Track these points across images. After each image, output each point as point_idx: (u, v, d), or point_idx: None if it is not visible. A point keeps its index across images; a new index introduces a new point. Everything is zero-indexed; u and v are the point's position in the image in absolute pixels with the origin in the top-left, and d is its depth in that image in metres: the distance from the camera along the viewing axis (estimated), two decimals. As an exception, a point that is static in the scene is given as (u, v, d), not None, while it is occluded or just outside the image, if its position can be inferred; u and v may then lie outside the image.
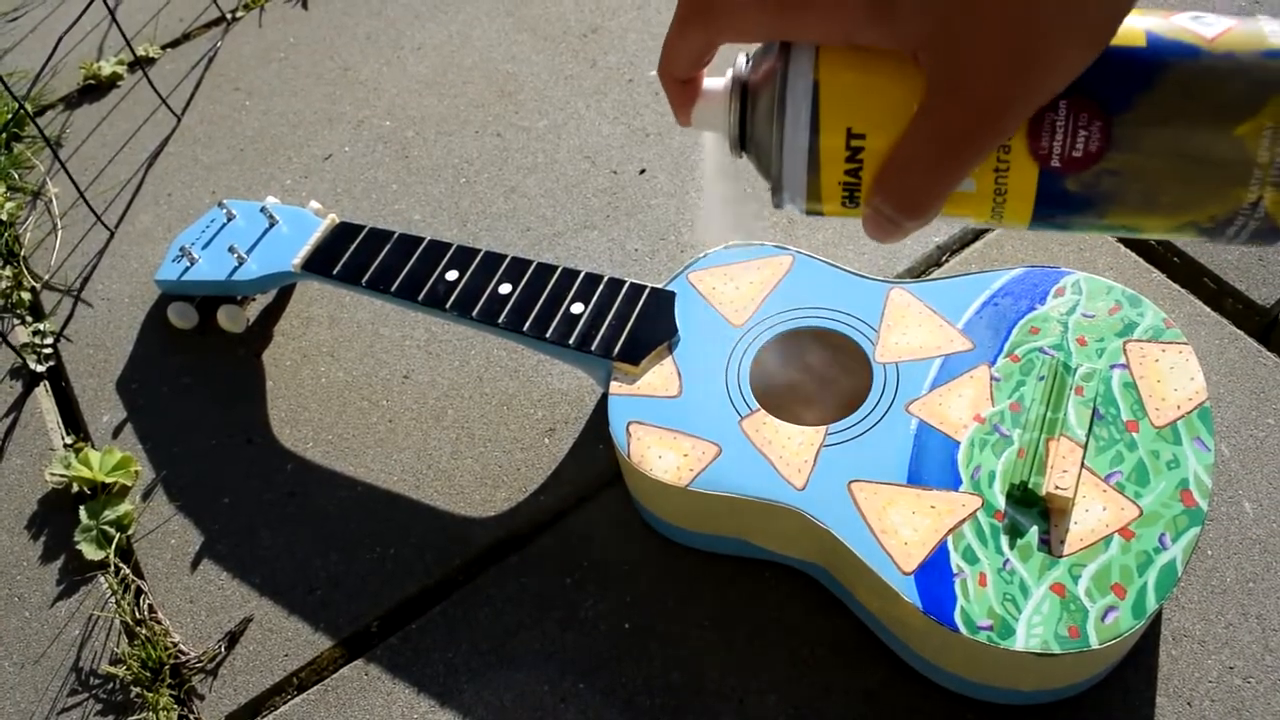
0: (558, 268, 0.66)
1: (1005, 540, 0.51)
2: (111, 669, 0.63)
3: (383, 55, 0.97)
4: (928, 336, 0.59)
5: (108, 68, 1.00)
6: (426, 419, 0.71)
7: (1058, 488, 0.51)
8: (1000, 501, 0.52)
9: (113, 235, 0.87)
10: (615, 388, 0.60)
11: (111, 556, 0.67)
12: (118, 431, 0.74)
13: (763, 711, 0.56)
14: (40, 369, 0.79)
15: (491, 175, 0.85)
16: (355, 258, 0.69)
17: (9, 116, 0.96)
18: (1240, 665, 0.55)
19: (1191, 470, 0.52)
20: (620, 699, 0.57)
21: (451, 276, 0.66)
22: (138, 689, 0.62)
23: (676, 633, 0.59)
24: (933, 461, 0.54)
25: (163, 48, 1.03)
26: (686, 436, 0.57)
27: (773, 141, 0.33)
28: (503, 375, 0.72)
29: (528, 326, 0.63)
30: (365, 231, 0.71)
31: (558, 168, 0.84)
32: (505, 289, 0.65)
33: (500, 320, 0.64)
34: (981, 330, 0.59)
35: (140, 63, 1.00)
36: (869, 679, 0.56)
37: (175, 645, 0.63)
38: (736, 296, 0.63)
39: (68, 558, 0.68)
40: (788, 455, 0.55)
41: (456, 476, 0.68)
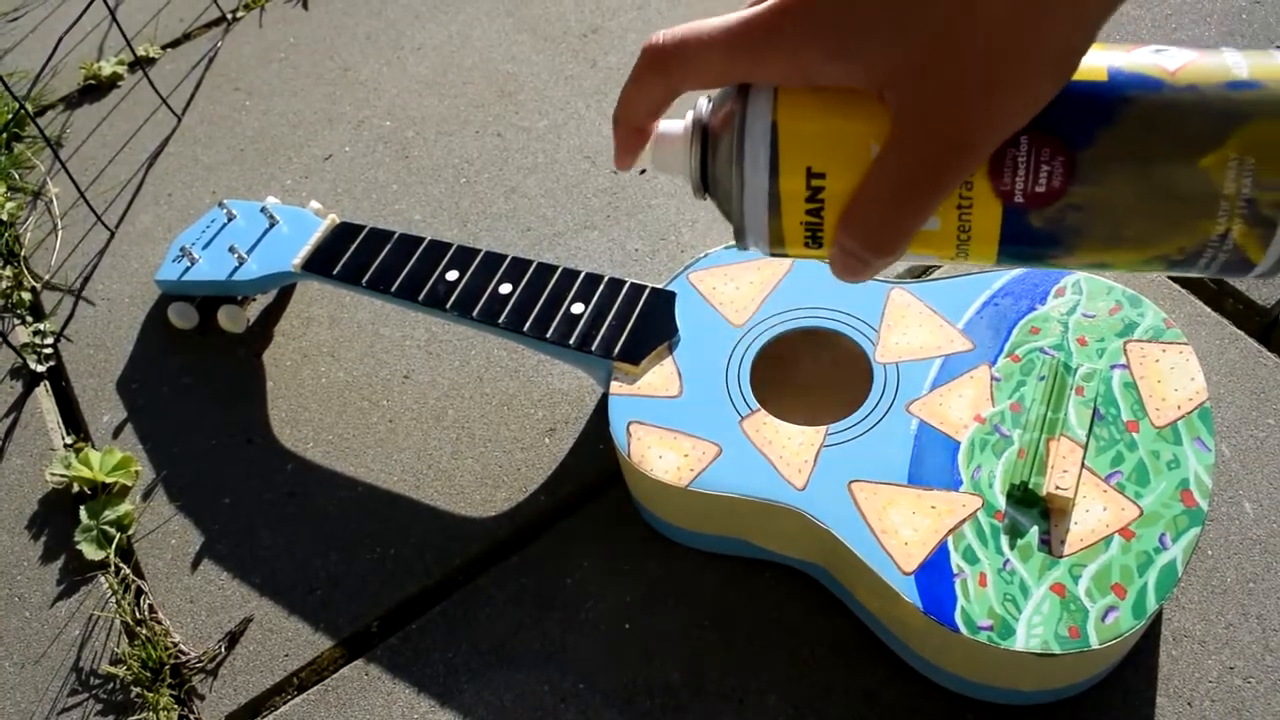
0: (558, 268, 0.66)
1: (1005, 540, 0.51)
2: (112, 669, 0.63)
3: (383, 55, 0.97)
4: (928, 336, 0.59)
5: (108, 68, 1.00)
6: (427, 419, 0.71)
7: (1058, 488, 0.51)
8: (1000, 502, 0.52)
9: (113, 235, 0.87)
10: (615, 388, 0.60)
11: (112, 556, 0.67)
12: (118, 431, 0.74)
13: (763, 711, 0.56)
14: (40, 369, 0.79)
15: (492, 175, 0.85)
16: (355, 258, 0.69)
17: (9, 116, 0.96)
18: (1240, 665, 0.55)
19: (1192, 470, 0.52)
20: (620, 699, 0.57)
21: (452, 277, 0.66)
22: (138, 689, 0.62)
23: (676, 633, 0.59)
24: (933, 462, 0.54)
25: (163, 48, 1.03)
26: (687, 436, 0.57)
27: (733, 185, 0.32)
28: (503, 375, 0.72)
29: (528, 327, 0.63)
30: (365, 231, 0.71)
31: (558, 168, 0.84)
32: (506, 289, 0.65)
33: (501, 320, 0.64)
34: (982, 330, 0.59)
35: (140, 63, 1.00)
36: (869, 679, 0.56)
37: (175, 645, 0.63)
38: (737, 296, 0.63)
39: (68, 558, 0.68)
40: (788, 455, 0.55)
41: (457, 476, 0.68)
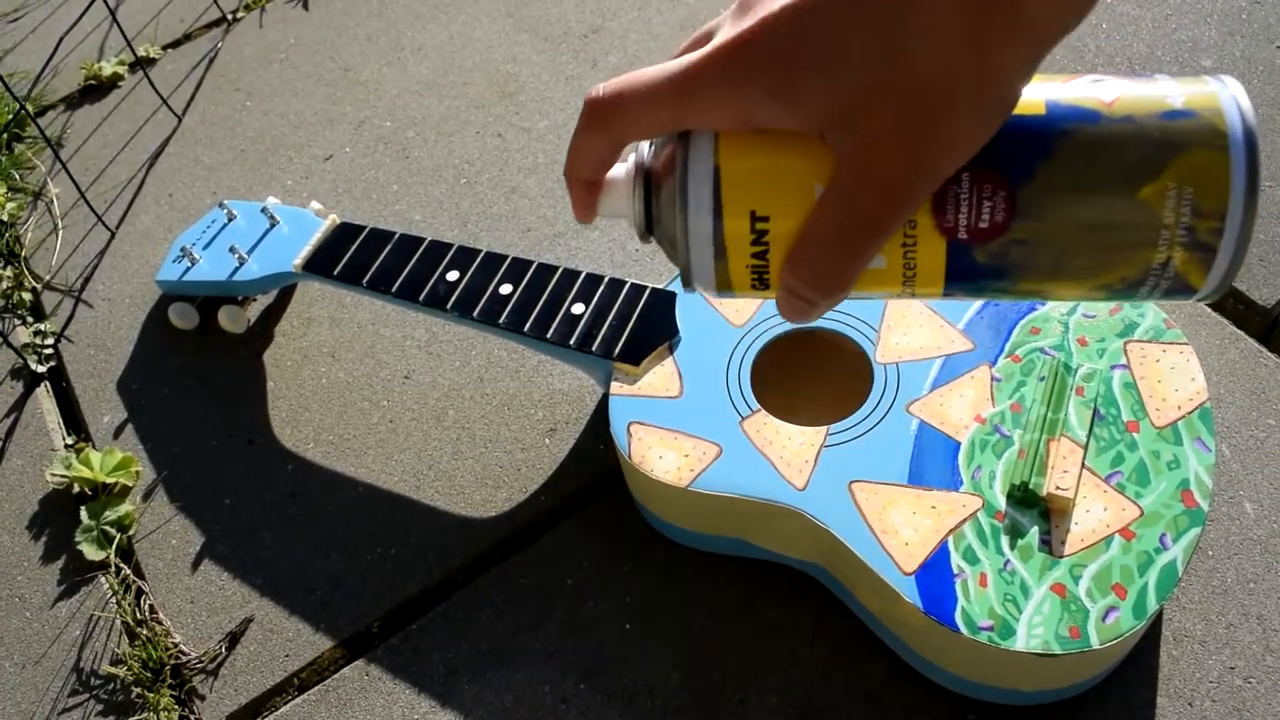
0: (558, 268, 0.66)
1: (1006, 541, 0.51)
2: (112, 669, 0.63)
3: (383, 56, 0.97)
4: (928, 337, 0.59)
5: (109, 68, 1.00)
6: (427, 419, 0.71)
7: (1058, 488, 0.51)
8: (1001, 502, 0.52)
9: (113, 236, 0.87)
10: (616, 388, 0.60)
11: (112, 557, 0.67)
12: (118, 432, 0.74)
13: (763, 712, 0.56)
14: (41, 369, 0.79)
15: (492, 176, 0.85)
16: (356, 258, 0.69)
17: (10, 117, 0.96)
18: (1241, 666, 0.55)
19: (1192, 471, 0.52)
20: (621, 700, 0.57)
21: (452, 277, 0.66)
22: (138, 689, 0.62)
23: (677, 633, 0.59)
24: (933, 462, 0.54)
25: (164, 48, 1.03)
26: (687, 437, 0.57)
27: (677, 229, 0.32)
28: (503, 376, 0.72)
29: (529, 327, 0.63)
30: (366, 232, 0.71)
31: (558, 168, 0.84)
32: (506, 289, 0.65)
33: (501, 321, 0.64)
34: (982, 330, 0.59)
35: (141, 63, 1.00)
36: (869, 679, 0.56)
37: (176, 646, 0.63)
38: (737, 297, 0.63)
39: (68, 558, 0.68)
40: (788, 455, 0.55)
41: (457, 477, 0.68)
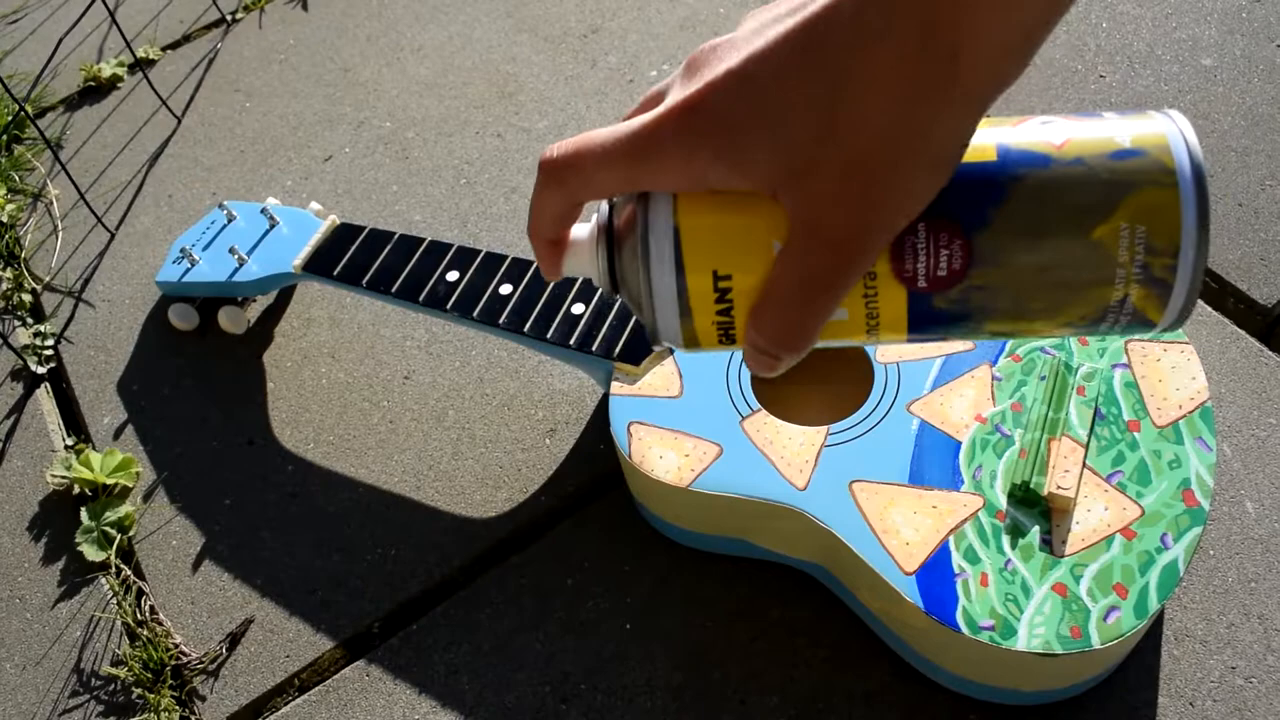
0: (558, 268, 0.66)
1: (1007, 540, 0.51)
2: (113, 670, 0.63)
3: (383, 56, 0.97)
4: (929, 336, 0.59)
5: (108, 69, 1.00)
6: (427, 420, 0.71)
7: (1059, 488, 0.51)
8: (1002, 501, 0.52)
9: (113, 237, 0.87)
10: (616, 388, 0.60)
11: (113, 558, 0.67)
12: (119, 433, 0.74)
13: (764, 712, 0.56)
14: (41, 370, 0.79)
15: (492, 176, 0.85)
16: (356, 259, 0.69)
17: (9, 118, 0.96)
18: (1242, 665, 0.54)
19: (1193, 470, 0.52)
20: (621, 700, 0.57)
21: (452, 277, 0.66)
22: (139, 690, 0.62)
23: (677, 633, 0.59)
24: (934, 461, 0.54)
25: (163, 49, 1.03)
26: (687, 437, 0.57)
27: (641, 289, 0.32)
28: (504, 376, 0.72)
29: (529, 327, 0.63)
30: (366, 232, 0.71)
31: (558, 168, 0.84)
32: (506, 289, 0.65)
33: (501, 321, 0.64)
34: (982, 330, 0.59)
35: (140, 64, 1.00)
36: (870, 679, 0.56)
37: (177, 646, 0.63)
38: (737, 297, 0.63)
39: (69, 559, 0.68)
40: (789, 455, 0.55)
41: (457, 477, 0.68)
